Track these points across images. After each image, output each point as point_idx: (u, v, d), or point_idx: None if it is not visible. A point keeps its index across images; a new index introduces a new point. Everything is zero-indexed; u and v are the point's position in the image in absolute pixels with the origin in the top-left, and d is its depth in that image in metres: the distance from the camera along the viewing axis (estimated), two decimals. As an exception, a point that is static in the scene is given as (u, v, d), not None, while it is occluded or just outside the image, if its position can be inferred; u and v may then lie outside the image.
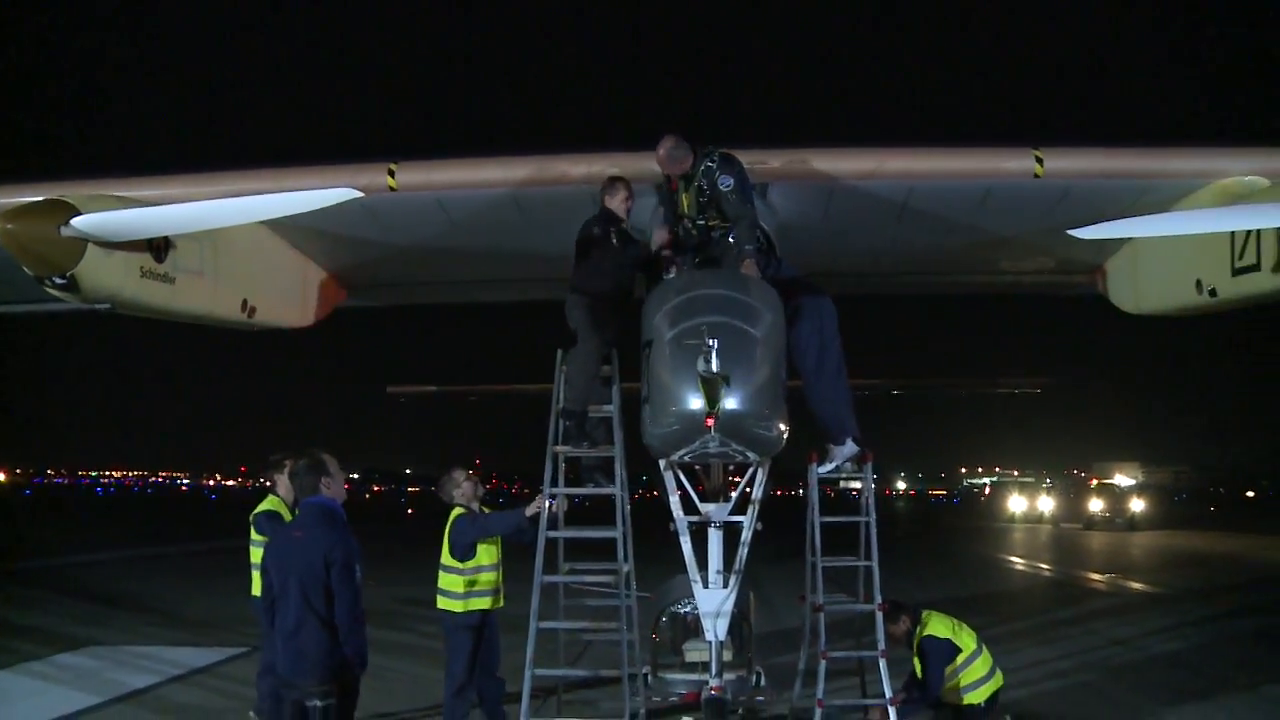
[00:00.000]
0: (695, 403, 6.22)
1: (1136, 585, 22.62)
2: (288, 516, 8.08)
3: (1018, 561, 29.80)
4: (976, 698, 8.06)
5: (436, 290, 12.02)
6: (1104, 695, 10.15)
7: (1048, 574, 26.06)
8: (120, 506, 72.30)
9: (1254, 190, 8.02)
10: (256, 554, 8.07)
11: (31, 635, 13.12)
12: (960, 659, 8.13)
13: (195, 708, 9.54)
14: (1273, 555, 31.63)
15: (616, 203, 7.97)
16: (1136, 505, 49.43)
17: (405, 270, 10.70)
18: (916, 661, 8.27)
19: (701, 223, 7.88)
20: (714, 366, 5.88)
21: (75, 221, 6.63)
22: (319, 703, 5.37)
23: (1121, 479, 57.89)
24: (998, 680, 8.22)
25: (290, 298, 9.63)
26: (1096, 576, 24.78)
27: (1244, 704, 9.82)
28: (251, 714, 8.41)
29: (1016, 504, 62.56)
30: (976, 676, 8.10)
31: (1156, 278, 9.12)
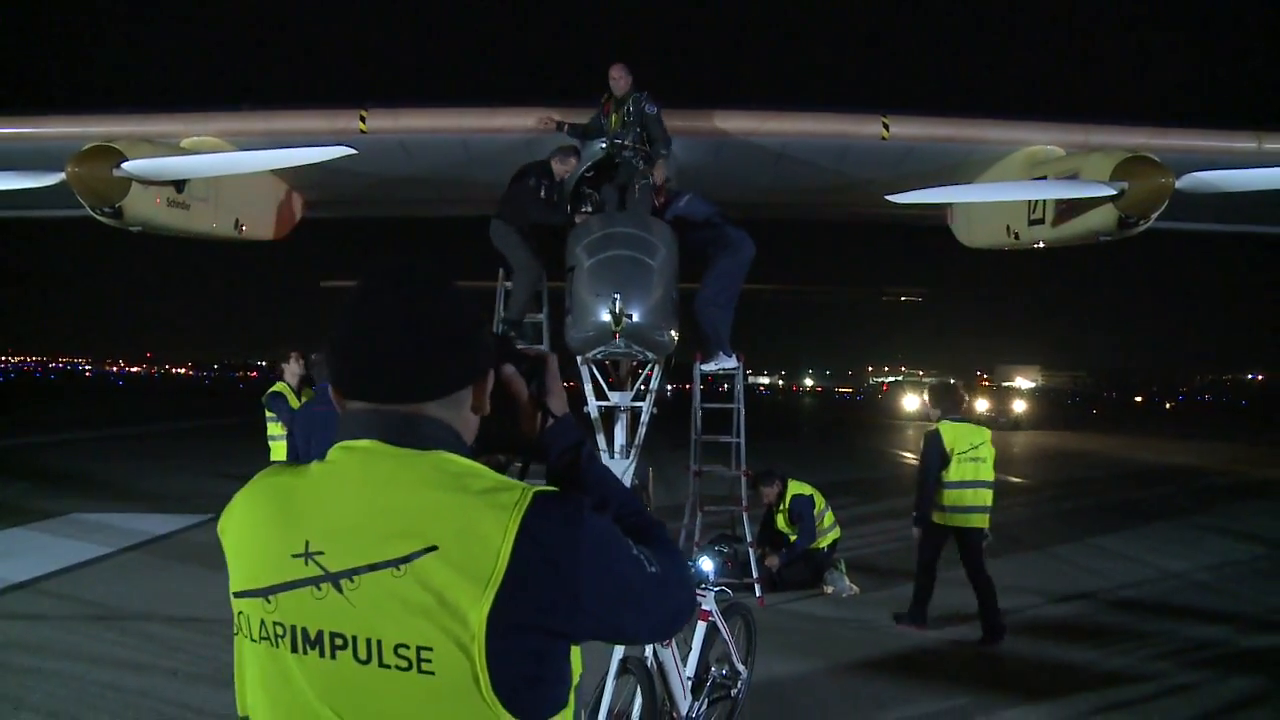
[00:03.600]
0: (605, 316, 8.32)
1: (1002, 476, 25.32)
2: (290, 396, 10.08)
3: (907, 456, 32.18)
4: (822, 543, 10.44)
5: (385, 206, 13.83)
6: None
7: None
8: (29, 392, 71.21)
9: (1052, 158, 10.19)
10: (271, 428, 10.12)
11: (3, 509, 14.30)
12: (814, 513, 10.53)
13: (190, 557, 11.42)
14: (1132, 453, 34.61)
15: (561, 167, 9.77)
16: (1019, 406, 52.72)
17: (362, 191, 12.43)
18: (781, 517, 10.60)
19: (618, 142, 9.81)
20: (618, 308, 8.02)
21: (126, 165, 8.33)
22: None
23: (1022, 381, 61.37)
24: (837, 532, 10.63)
25: (269, 215, 11.36)
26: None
27: (1033, 561, 12.37)
28: None
29: (910, 403, 64.10)
30: (822, 527, 10.51)
31: (983, 221, 11.27)
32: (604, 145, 10.16)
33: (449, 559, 1.44)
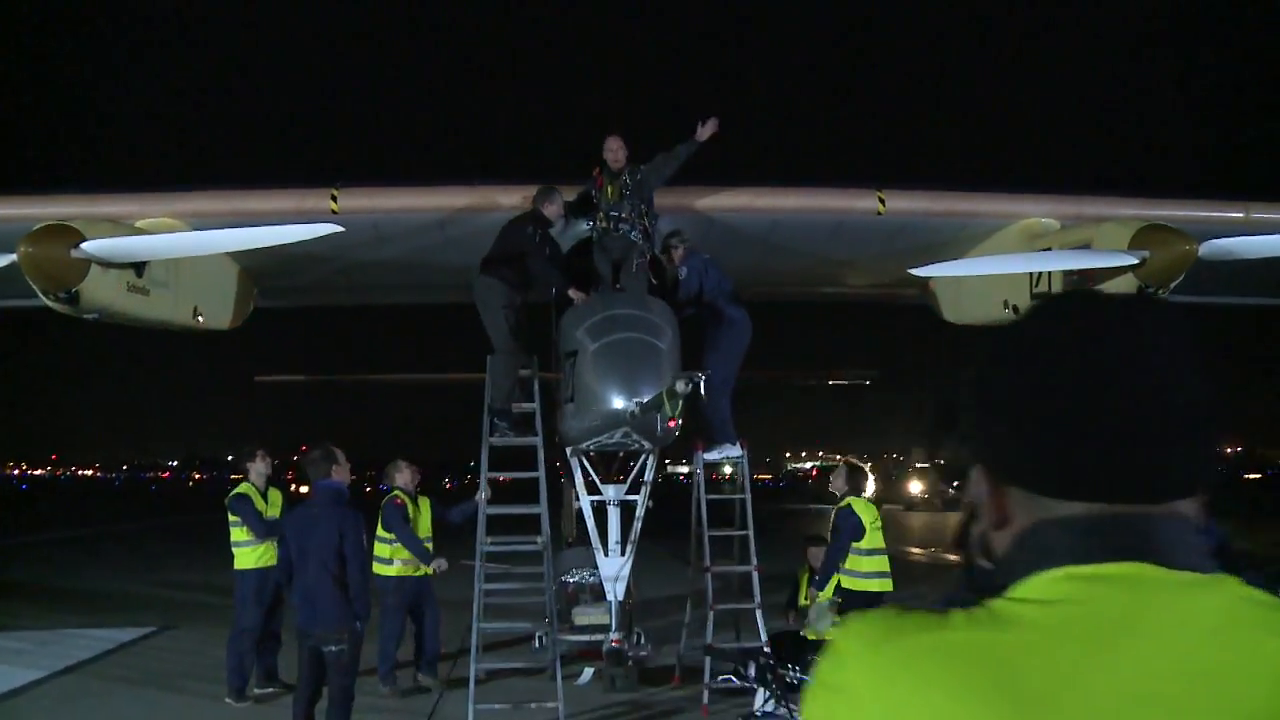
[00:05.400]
0: (618, 403, 7.71)
1: (952, 557, 25.08)
2: (256, 498, 9.22)
3: None
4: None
5: (347, 294, 13.08)
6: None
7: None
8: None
9: (1048, 231, 10.03)
10: (235, 533, 9.22)
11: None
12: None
13: (136, 679, 10.37)
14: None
15: (552, 211, 9.18)
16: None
17: (326, 278, 11.72)
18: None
19: (615, 214, 9.28)
20: (681, 388, 7.22)
21: (85, 246, 7.55)
22: (334, 648, 6.63)
23: (938, 462, 61.60)
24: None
25: (228, 303, 10.56)
26: (916, 550, 27.16)
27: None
28: (228, 699, 9.13)
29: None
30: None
31: (973, 296, 10.98)
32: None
33: None
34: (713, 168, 9.97)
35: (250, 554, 9.22)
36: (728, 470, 11.19)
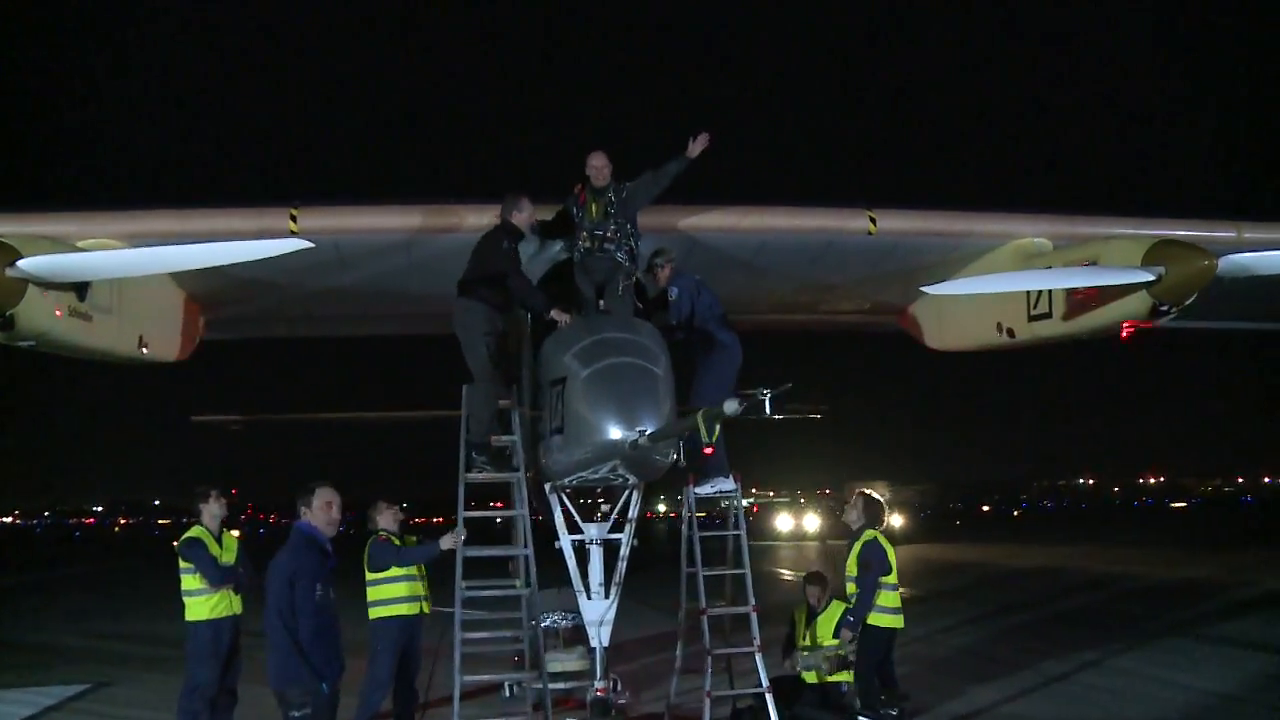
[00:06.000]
0: (615, 433, 7.08)
1: (911, 592, 24.77)
2: (210, 543, 8.42)
3: (786, 574, 31.07)
4: (839, 677, 9.21)
5: (302, 324, 12.29)
6: (927, 682, 11.49)
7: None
8: None
9: (1042, 251, 9.74)
10: (187, 581, 8.39)
11: None
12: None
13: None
14: (1015, 561, 34.81)
15: (522, 219, 8.59)
16: (895, 521, 52.80)
17: (279, 306, 11.00)
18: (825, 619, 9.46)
19: (599, 234, 8.69)
20: (726, 413, 6.26)
21: (22, 264, 6.83)
22: (296, 713, 5.87)
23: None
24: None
25: (174, 333, 9.82)
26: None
27: (1035, 685, 11.50)
28: None
29: (784, 523, 64.11)
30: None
31: (960, 320, 10.65)
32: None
33: None
34: (696, 186, 9.47)
35: (204, 604, 8.39)
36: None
